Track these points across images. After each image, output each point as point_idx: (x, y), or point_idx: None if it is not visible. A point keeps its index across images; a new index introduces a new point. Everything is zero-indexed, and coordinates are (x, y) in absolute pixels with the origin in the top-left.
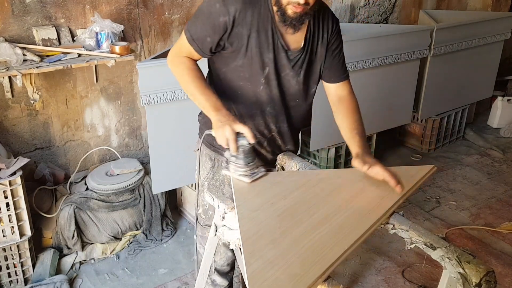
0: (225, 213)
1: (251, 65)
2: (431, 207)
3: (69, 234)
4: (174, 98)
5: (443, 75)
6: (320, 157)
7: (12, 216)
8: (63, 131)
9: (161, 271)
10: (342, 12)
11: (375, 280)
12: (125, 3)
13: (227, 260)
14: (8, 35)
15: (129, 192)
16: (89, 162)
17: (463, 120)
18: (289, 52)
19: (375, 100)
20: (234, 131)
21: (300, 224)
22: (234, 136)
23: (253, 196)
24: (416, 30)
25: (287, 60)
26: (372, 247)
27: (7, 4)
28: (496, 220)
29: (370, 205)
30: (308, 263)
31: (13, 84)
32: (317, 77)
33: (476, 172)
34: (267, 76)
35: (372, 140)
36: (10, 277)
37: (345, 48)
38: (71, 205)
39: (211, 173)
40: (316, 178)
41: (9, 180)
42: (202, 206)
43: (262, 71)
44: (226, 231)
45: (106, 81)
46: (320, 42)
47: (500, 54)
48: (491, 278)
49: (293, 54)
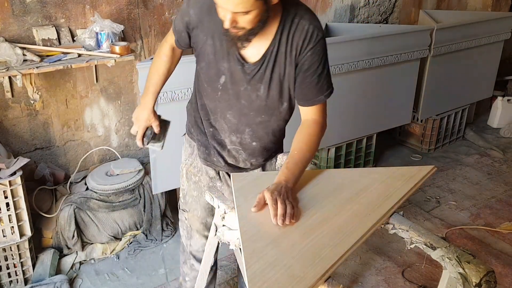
0: (225, 213)
1: (208, 70)
2: (431, 207)
3: (69, 234)
4: (174, 98)
5: (443, 75)
6: (320, 157)
7: (12, 216)
8: (63, 131)
9: (161, 271)
10: (342, 12)
11: (375, 280)
12: (125, 3)
13: (201, 247)
14: (8, 35)
15: (129, 192)
16: (89, 162)
17: (463, 120)
18: (245, 65)
19: (375, 100)
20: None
21: (300, 225)
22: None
23: (253, 196)
24: (416, 30)
25: (243, 73)
26: (372, 247)
27: (7, 4)
28: (496, 220)
29: (370, 206)
30: (309, 264)
31: (13, 84)
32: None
33: (476, 172)
34: (223, 84)
35: (372, 140)
36: (10, 277)
37: (345, 48)
38: (71, 205)
39: (190, 159)
40: (316, 178)
41: (9, 180)
42: (182, 191)
43: (218, 78)
44: (226, 231)
45: (106, 81)
46: (288, 58)
47: (500, 54)
48: (491, 278)
49: (250, 68)
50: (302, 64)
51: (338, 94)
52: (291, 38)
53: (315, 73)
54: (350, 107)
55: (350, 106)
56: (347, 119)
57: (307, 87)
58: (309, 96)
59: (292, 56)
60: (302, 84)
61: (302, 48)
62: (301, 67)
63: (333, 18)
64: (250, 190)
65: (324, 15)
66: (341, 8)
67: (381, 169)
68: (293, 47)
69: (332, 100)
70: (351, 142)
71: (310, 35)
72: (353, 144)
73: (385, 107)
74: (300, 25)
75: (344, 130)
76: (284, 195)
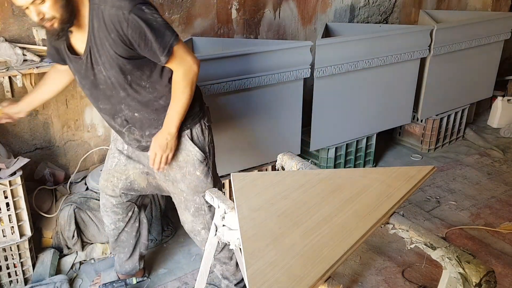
0: (225, 213)
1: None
2: (431, 207)
3: (69, 234)
4: None
5: (443, 75)
6: (320, 157)
7: (12, 216)
8: (63, 131)
9: (161, 271)
10: (342, 12)
11: (375, 280)
12: None
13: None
14: (8, 35)
15: None
16: (89, 162)
17: (463, 120)
18: (81, 58)
19: (375, 100)
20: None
21: (301, 225)
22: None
23: (253, 196)
24: (416, 30)
25: (83, 64)
26: (372, 247)
27: (7, 4)
28: (496, 220)
29: (370, 206)
30: (309, 264)
31: (13, 84)
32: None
33: (476, 172)
34: (80, 82)
35: (372, 140)
36: (10, 277)
37: (345, 48)
38: (71, 205)
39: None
40: (316, 178)
41: (9, 180)
42: None
43: (77, 80)
44: (226, 231)
45: None
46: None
47: (500, 54)
48: (491, 278)
49: (84, 59)
50: (130, 41)
51: (338, 94)
52: (103, 25)
53: (146, 41)
54: (350, 107)
55: (350, 106)
56: (347, 119)
57: (150, 54)
58: (156, 60)
59: (116, 39)
60: (144, 53)
61: (119, 31)
62: (132, 44)
63: (333, 18)
64: (250, 190)
65: (324, 15)
66: (341, 8)
67: (381, 169)
68: (111, 32)
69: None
70: (351, 142)
71: (118, 17)
72: (353, 144)
73: (385, 107)
74: (106, 11)
75: (344, 130)
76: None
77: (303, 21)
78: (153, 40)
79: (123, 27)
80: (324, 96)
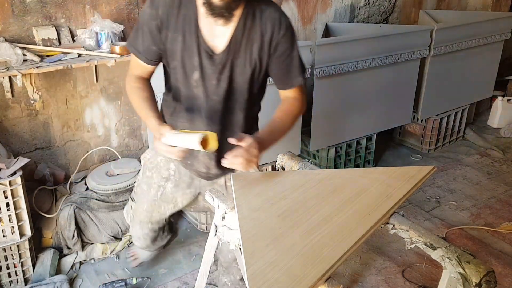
0: (225, 213)
1: (181, 68)
2: (431, 207)
3: (69, 234)
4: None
5: (443, 75)
6: (320, 157)
7: (12, 216)
8: (63, 131)
9: (161, 271)
10: (342, 12)
11: (375, 280)
12: (125, 3)
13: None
14: (8, 35)
15: (129, 192)
16: (89, 162)
17: (463, 120)
18: (214, 56)
19: (375, 100)
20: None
21: (301, 225)
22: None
23: (253, 196)
24: (416, 30)
25: (212, 64)
26: (372, 247)
27: (7, 4)
28: (496, 220)
29: (370, 206)
30: (309, 264)
31: (13, 84)
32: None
33: (476, 172)
34: (197, 80)
35: (372, 140)
36: (10, 277)
37: (345, 48)
38: (71, 205)
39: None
40: (316, 178)
41: (9, 180)
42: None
43: (191, 74)
44: (226, 231)
45: (106, 81)
46: (256, 44)
47: (500, 54)
48: (491, 278)
49: (219, 57)
50: (276, 50)
51: (338, 94)
52: (258, 25)
53: (290, 57)
54: (350, 107)
55: (350, 106)
56: (347, 119)
57: (283, 71)
58: (287, 80)
59: (264, 43)
60: (279, 69)
61: (273, 34)
62: (275, 53)
63: (333, 18)
64: (250, 190)
65: (324, 15)
66: (341, 8)
67: (381, 169)
68: (265, 33)
69: (332, 100)
70: (351, 142)
71: (280, 22)
72: (353, 144)
73: (385, 107)
74: (269, 12)
75: (344, 130)
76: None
77: (303, 21)
78: (299, 57)
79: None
80: (324, 96)
